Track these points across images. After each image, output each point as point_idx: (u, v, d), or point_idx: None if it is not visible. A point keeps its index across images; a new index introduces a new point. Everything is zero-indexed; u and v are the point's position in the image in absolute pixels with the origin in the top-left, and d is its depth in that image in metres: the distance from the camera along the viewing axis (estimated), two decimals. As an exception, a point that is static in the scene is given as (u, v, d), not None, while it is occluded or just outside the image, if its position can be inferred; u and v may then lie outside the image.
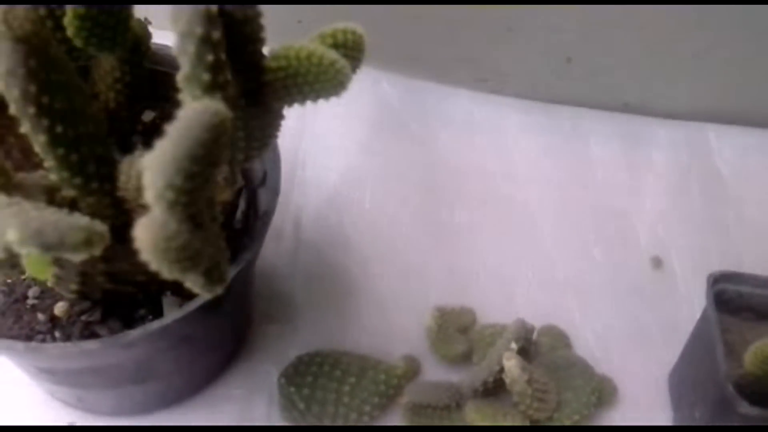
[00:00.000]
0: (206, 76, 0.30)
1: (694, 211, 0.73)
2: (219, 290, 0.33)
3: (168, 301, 0.45)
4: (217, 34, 0.29)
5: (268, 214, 0.46)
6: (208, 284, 0.31)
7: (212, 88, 0.31)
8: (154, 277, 0.30)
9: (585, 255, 0.69)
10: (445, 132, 0.75)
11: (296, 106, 0.73)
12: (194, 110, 0.26)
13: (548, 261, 0.68)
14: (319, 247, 0.65)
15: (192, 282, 0.30)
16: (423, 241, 0.67)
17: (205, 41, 0.29)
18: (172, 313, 0.41)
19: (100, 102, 0.46)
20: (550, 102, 0.78)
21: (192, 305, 0.41)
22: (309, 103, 0.73)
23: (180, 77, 0.31)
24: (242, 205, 0.49)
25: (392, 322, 0.62)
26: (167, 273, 0.28)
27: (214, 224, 0.32)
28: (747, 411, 0.49)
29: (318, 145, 0.71)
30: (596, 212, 0.72)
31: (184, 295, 0.44)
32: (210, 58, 0.30)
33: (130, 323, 0.45)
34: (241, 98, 0.36)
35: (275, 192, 0.47)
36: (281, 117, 0.40)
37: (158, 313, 0.44)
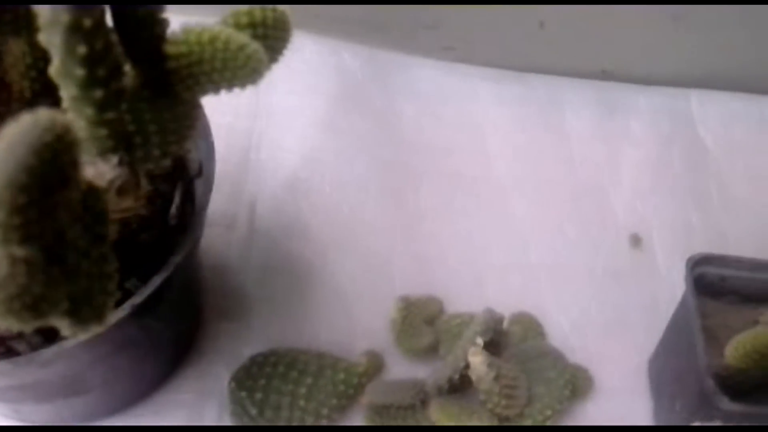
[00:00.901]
0: (80, 71, 0.26)
1: (675, 184, 0.69)
2: (96, 329, 0.29)
3: (93, 310, 0.41)
4: (90, 21, 0.25)
5: (202, 207, 0.42)
6: (76, 325, 0.27)
7: (91, 83, 0.26)
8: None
9: (559, 235, 0.65)
10: (411, 106, 0.70)
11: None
12: (19, 125, 0.21)
13: (521, 243, 0.64)
14: (275, 237, 0.61)
15: (56, 324, 0.26)
16: (387, 227, 0.63)
17: (75, 30, 0.25)
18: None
19: (15, 92, 0.42)
20: (522, 71, 0.74)
21: (113, 318, 0.37)
22: (263, 78, 0.70)
23: (51, 72, 0.26)
24: (177, 199, 0.45)
25: (354, 315, 0.58)
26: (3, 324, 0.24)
27: (91, 250, 0.28)
28: (728, 407, 0.46)
29: (273, 125, 0.67)
30: (572, 188, 0.68)
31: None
32: (83, 50, 0.25)
33: (53, 336, 0.40)
34: (145, 89, 0.31)
35: (209, 183, 0.43)
36: (196, 106, 0.35)
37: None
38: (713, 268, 0.54)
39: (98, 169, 0.30)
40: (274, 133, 0.66)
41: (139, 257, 0.44)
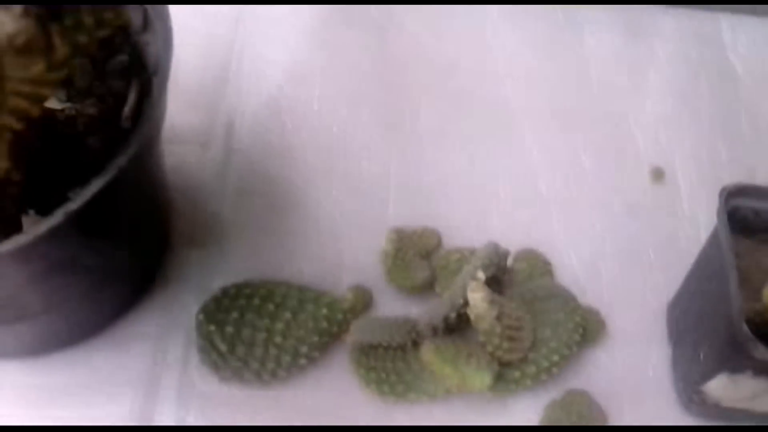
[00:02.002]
0: None
1: (702, 114, 0.63)
2: None
3: (29, 221, 0.35)
4: None
5: (155, 103, 0.35)
6: None
7: None
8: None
9: (573, 165, 0.58)
10: (412, 19, 0.63)
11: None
12: None
13: (529, 173, 0.58)
14: (254, 157, 0.55)
15: None
16: (381, 150, 0.57)
17: None
18: (16, 238, 0.31)
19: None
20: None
21: (40, 228, 0.31)
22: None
23: None
24: (132, 98, 0.38)
25: (341, 246, 0.52)
26: None
27: None
28: (764, 356, 0.40)
29: (258, 33, 0.60)
30: (589, 115, 0.61)
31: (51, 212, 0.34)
32: None
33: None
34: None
35: (164, 77, 0.36)
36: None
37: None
38: (747, 201, 0.47)
39: (-6, 18, 0.23)
40: (257, 42, 0.59)
41: (88, 164, 0.37)
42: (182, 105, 0.55)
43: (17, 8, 0.24)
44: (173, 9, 0.40)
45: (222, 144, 0.54)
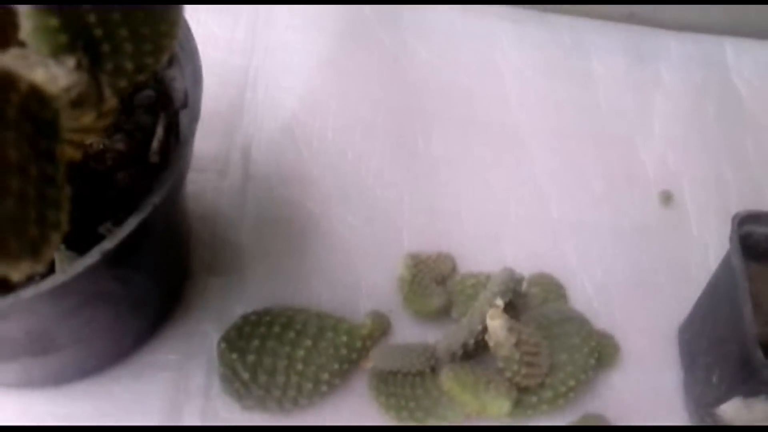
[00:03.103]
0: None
1: (709, 137, 0.63)
2: (30, 267, 0.23)
3: (60, 256, 0.36)
4: None
5: (187, 139, 0.36)
6: (2, 263, 0.21)
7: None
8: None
9: (584, 190, 0.59)
10: (424, 46, 0.64)
11: (245, 16, 0.63)
12: None
13: (541, 198, 0.58)
14: (271, 184, 0.55)
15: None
16: (396, 177, 0.57)
17: None
18: (53, 277, 0.32)
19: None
20: (546, 11, 0.67)
21: (79, 266, 0.32)
22: (261, 12, 0.63)
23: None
24: (159, 132, 0.39)
25: (358, 272, 0.53)
26: None
27: (28, 167, 0.22)
28: (780, 382, 0.41)
29: (272, 62, 0.60)
30: (597, 140, 0.62)
31: (82, 248, 0.34)
32: None
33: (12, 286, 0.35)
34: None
35: (195, 112, 0.37)
36: (175, 10, 0.29)
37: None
38: (759, 227, 0.48)
39: (50, 72, 0.24)
40: (272, 71, 0.60)
41: (117, 199, 0.38)
42: (200, 132, 0.55)
43: (70, 62, 0.25)
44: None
45: (239, 171, 0.55)
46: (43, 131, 0.22)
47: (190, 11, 0.61)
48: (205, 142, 0.55)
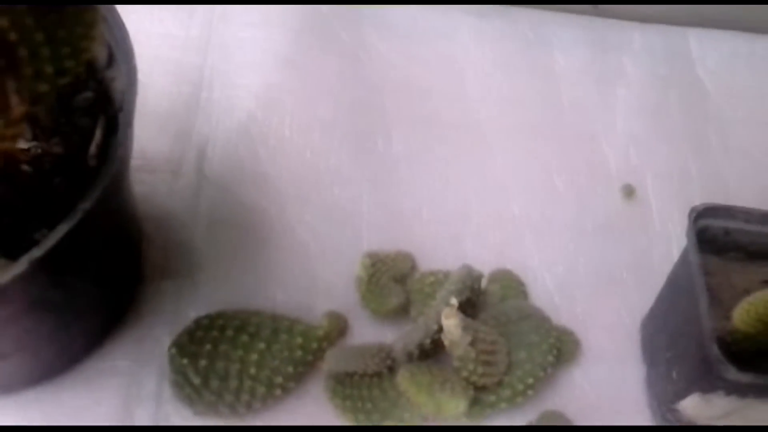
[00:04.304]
0: None
1: (672, 130, 0.63)
2: None
3: (-6, 264, 0.35)
4: None
5: (120, 144, 0.35)
6: None
7: None
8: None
9: (546, 185, 0.59)
10: (383, 43, 0.63)
11: (201, 12, 0.62)
12: None
13: (502, 194, 0.58)
14: (227, 185, 0.54)
15: None
16: (354, 175, 0.57)
17: None
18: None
19: None
20: (507, 3, 0.67)
21: (7, 275, 0.31)
22: (217, 9, 0.62)
23: None
24: (98, 135, 0.38)
25: (315, 273, 0.52)
26: None
27: None
28: (734, 377, 0.40)
29: (228, 60, 0.60)
30: (559, 135, 0.61)
31: (19, 255, 0.33)
32: None
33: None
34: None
35: (129, 117, 0.36)
36: (95, 10, 0.28)
37: None
38: (717, 221, 0.48)
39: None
40: (228, 69, 0.59)
41: (55, 205, 0.37)
42: (153, 132, 0.55)
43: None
44: (140, 35, 0.40)
45: (193, 172, 0.54)
46: None
47: (144, 9, 0.60)
48: (158, 142, 0.54)
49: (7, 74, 0.26)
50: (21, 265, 0.31)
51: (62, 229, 0.32)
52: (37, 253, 0.32)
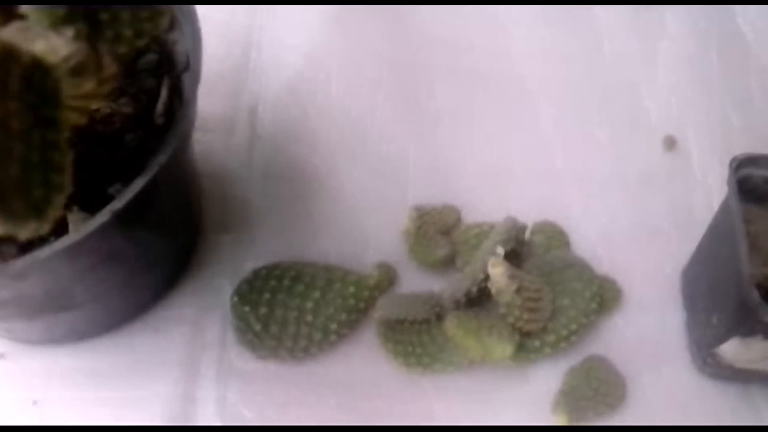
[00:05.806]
0: None
1: (713, 82, 0.63)
2: (36, 227, 0.24)
3: (74, 217, 0.37)
4: None
5: (189, 101, 0.37)
6: (7, 221, 0.22)
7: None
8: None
9: (588, 138, 0.60)
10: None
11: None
12: None
13: (545, 147, 0.59)
14: (278, 143, 0.56)
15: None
16: (400, 131, 0.58)
17: None
18: (67, 237, 0.33)
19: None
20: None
21: (91, 225, 0.33)
22: (262, -27, 0.63)
23: None
24: (164, 94, 0.40)
25: (365, 226, 0.54)
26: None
27: (32, 134, 0.23)
28: (774, 320, 0.42)
29: (275, 21, 0.61)
30: (601, 88, 0.62)
31: (95, 209, 0.36)
32: None
33: (28, 246, 0.37)
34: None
35: (196, 74, 0.38)
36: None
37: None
38: (758, 170, 0.49)
39: (50, 43, 0.25)
40: (276, 29, 0.61)
41: (127, 161, 0.40)
42: (205, 93, 0.56)
43: (69, 32, 0.26)
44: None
45: (246, 130, 0.56)
46: (45, 100, 0.23)
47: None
48: (211, 102, 0.56)
49: (98, 36, 0.28)
50: (103, 216, 0.34)
51: (139, 183, 0.35)
52: (117, 204, 0.34)
